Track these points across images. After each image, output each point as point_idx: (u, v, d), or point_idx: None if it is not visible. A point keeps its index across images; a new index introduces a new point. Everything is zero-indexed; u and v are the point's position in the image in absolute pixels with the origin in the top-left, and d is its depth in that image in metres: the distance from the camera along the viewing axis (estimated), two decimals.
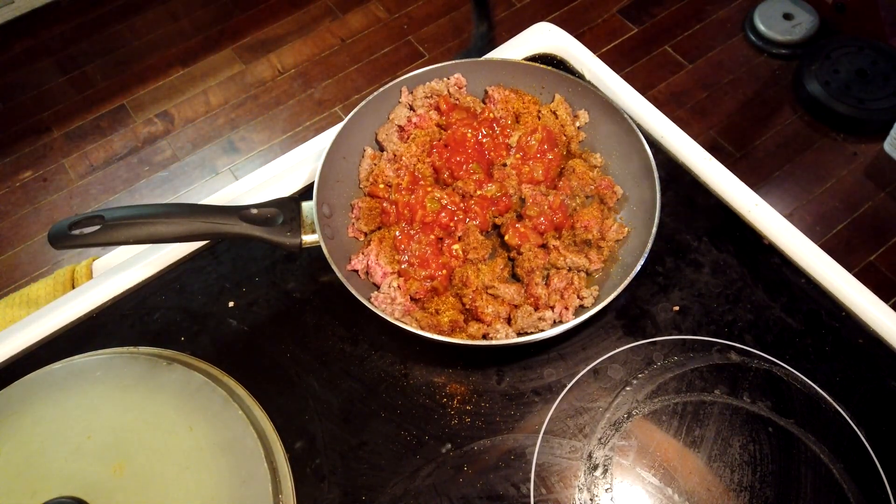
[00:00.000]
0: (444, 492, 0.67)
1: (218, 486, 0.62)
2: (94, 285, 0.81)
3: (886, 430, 0.69)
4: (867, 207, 1.97)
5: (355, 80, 2.37)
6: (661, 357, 0.74)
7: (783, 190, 2.02)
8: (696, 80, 2.26)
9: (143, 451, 0.64)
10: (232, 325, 0.78)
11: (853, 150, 2.07)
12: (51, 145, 2.30)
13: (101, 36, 2.54)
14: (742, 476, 0.67)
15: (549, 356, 0.75)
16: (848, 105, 2.06)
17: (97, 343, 0.77)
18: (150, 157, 2.26)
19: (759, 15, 2.29)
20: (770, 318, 0.76)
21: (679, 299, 0.77)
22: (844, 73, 2.11)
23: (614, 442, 0.69)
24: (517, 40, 0.99)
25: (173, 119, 2.34)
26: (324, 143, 0.82)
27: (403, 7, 2.51)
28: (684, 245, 0.81)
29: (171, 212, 0.71)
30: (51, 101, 2.39)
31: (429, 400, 0.73)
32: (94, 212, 0.68)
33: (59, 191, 2.20)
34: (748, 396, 0.71)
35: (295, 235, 0.75)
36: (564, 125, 0.86)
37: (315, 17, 2.52)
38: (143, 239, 0.69)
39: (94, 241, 0.67)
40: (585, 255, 0.77)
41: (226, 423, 0.66)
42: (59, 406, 0.67)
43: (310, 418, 0.72)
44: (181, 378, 0.69)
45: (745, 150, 2.10)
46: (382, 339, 0.76)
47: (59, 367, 0.71)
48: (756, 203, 0.82)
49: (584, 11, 2.45)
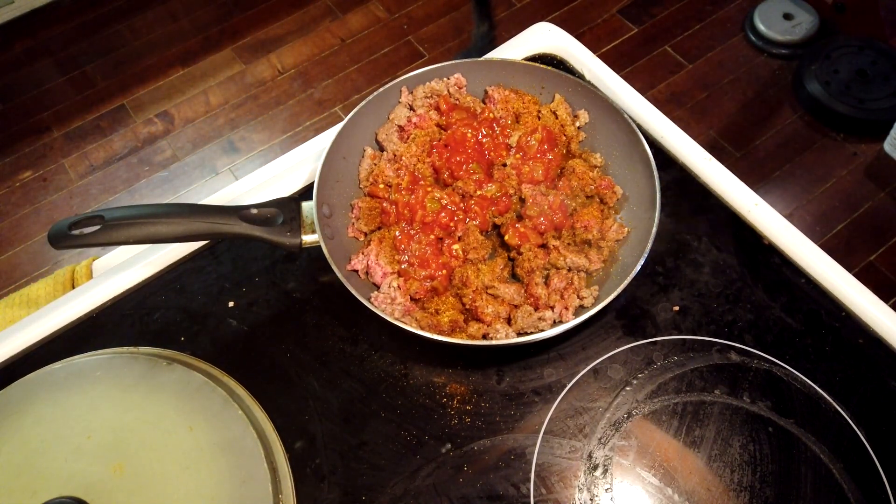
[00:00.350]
0: (443, 492, 0.67)
1: (218, 486, 0.62)
2: (94, 285, 0.81)
3: (886, 430, 0.69)
4: (867, 207, 1.97)
5: (355, 81, 2.37)
6: (661, 357, 0.74)
7: (783, 190, 2.02)
8: (696, 80, 2.26)
9: (143, 451, 0.64)
10: (232, 325, 0.78)
11: (853, 150, 2.07)
12: (51, 145, 2.30)
13: (101, 36, 2.54)
14: (742, 476, 0.67)
15: (549, 356, 0.75)
16: (848, 105, 2.06)
17: (97, 343, 0.77)
18: (150, 157, 2.26)
19: (759, 15, 2.29)
20: (770, 318, 0.76)
21: (679, 299, 0.77)
22: (844, 73, 2.11)
23: (614, 442, 0.69)
24: (517, 40, 0.99)
25: (173, 119, 2.34)
26: (324, 143, 0.82)
27: (403, 7, 2.51)
28: (684, 245, 0.81)
29: (170, 212, 0.71)
30: (51, 101, 2.39)
31: (429, 400, 0.73)
32: (94, 212, 0.68)
33: (59, 191, 2.20)
34: (748, 396, 0.71)
35: (295, 235, 0.75)
36: (564, 125, 0.86)
37: (315, 18, 2.52)
38: (143, 239, 0.69)
39: (94, 241, 0.67)
40: (585, 255, 0.77)
41: (226, 423, 0.66)
42: (59, 406, 0.67)
43: (310, 418, 0.72)
44: (181, 378, 0.69)
45: (745, 150, 2.10)
46: (382, 338, 0.76)
47: (59, 367, 0.71)
48: (756, 203, 0.82)
49: (584, 11, 2.45)
